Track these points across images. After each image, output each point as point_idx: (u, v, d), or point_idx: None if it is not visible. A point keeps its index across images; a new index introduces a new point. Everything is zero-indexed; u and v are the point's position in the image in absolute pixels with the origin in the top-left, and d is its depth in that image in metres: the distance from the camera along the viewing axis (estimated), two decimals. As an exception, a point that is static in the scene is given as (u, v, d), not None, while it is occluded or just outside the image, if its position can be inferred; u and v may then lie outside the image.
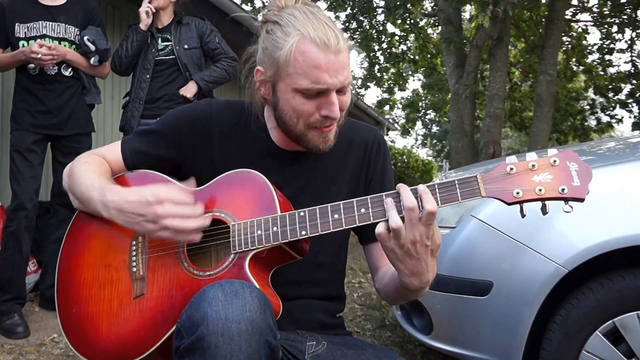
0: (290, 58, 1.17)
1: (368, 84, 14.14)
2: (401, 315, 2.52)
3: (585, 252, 1.86)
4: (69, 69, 3.20)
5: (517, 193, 1.09)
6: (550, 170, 1.10)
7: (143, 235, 1.24)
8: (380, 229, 1.10)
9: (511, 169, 1.11)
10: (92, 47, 3.20)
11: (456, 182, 1.11)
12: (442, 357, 2.82)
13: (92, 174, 1.29)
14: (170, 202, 1.16)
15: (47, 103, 3.14)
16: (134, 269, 1.25)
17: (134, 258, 1.26)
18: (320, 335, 1.32)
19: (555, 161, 1.10)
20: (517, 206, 1.12)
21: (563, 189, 1.08)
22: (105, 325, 1.23)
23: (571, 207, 1.09)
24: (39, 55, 2.96)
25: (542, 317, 1.92)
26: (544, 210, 1.10)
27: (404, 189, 1.10)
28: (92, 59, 3.23)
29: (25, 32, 3.12)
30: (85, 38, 3.19)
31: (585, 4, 12.19)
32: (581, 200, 1.08)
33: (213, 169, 1.31)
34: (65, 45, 3.18)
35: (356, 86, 13.90)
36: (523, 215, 1.12)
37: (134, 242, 1.28)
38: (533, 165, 1.10)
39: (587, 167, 1.10)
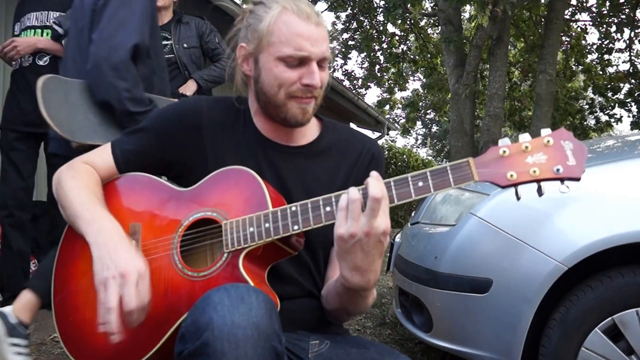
0: (273, 27, 1.24)
1: (368, 83, 14.14)
2: (401, 313, 2.53)
3: (585, 249, 1.86)
4: (45, 58, 3.09)
5: (511, 176, 1.06)
6: (544, 151, 1.07)
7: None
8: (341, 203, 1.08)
9: (504, 151, 1.08)
10: (61, 30, 3.02)
11: (448, 167, 1.09)
12: (442, 355, 2.83)
13: (81, 195, 1.26)
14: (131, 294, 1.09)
15: (22, 98, 3.05)
16: None
17: None
18: (323, 335, 1.31)
19: (549, 141, 1.07)
20: (513, 190, 1.09)
21: (558, 169, 1.05)
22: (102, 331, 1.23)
23: (567, 187, 1.06)
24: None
25: (541, 315, 1.93)
26: (539, 192, 1.08)
27: (373, 178, 1.07)
28: (64, 41, 3.03)
29: (19, 27, 3.10)
30: (52, 21, 3.07)
31: (584, 4, 12.20)
32: (577, 179, 1.05)
33: (205, 166, 1.30)
34: (48, 33, 3.09)
35: (357, 86, 13.90)
36: (518, 198, 1.09)
37: None
38: (526, 147, 1.07)
39: (582, 146, 1.06)
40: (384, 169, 1.44)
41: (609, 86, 13.25)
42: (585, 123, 14.69)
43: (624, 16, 11.03)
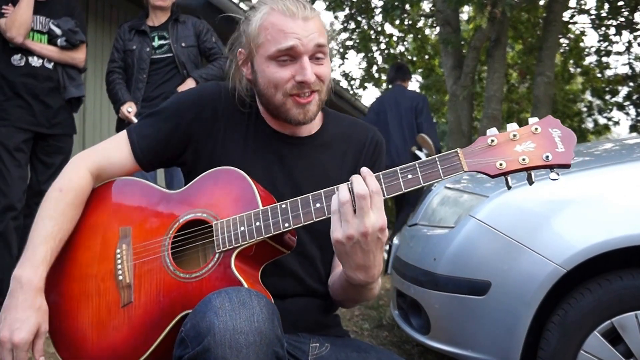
0: (260, 29, 1.24)
1: (366, 84, 14.11)
2: (399, 314, 2.52)
3: (584, 252, 1.86)
4: (52, 62, 3.13)
5: (501, 164, 1.06)
6: (532, 139, 1.06)
7: None
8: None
9: (492, 140, 1.08)
10: (58, 31, 3.15)
11: (437, 158, 1.08)
12: (439, 357, 2.82)
13: (44, 223, 1.26)
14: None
15: (32, 98, 3.05)
16: (120, 277, 1.23)
17: (119, 266, 1.24)
18: (323, 338, 1.31)
19: (536, 129, 1.07)
20: (503, 179, 1.09)
21: (547, 156, 1.05)
22: (95, 337, 1.21)
23: (557, 174, 1.05)
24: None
25: (540, 317, 1.92)
26: (529, 180, 1.08)
27: (355, 177, 1.07)
28: (59, 40, 3.15)
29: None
30: (50, 22, 3.16)
31: (583, 6, 12.20)
32: (567, 166, 1.05)
33: (211, 153, 1.31)
34: (42, 39, 3.12)
35: (354, 86, 13.88)
36: (509, 187, 1.09)
37: (118, 250, 1.26)
38: (514, 135, 1.07)
39: (570, 132, 1.06)
40: (385, 157, 1.46)
41: (608, 89, 13.25)
42: (583, 126, 14.69)
43: (622, 19, 11.03)
